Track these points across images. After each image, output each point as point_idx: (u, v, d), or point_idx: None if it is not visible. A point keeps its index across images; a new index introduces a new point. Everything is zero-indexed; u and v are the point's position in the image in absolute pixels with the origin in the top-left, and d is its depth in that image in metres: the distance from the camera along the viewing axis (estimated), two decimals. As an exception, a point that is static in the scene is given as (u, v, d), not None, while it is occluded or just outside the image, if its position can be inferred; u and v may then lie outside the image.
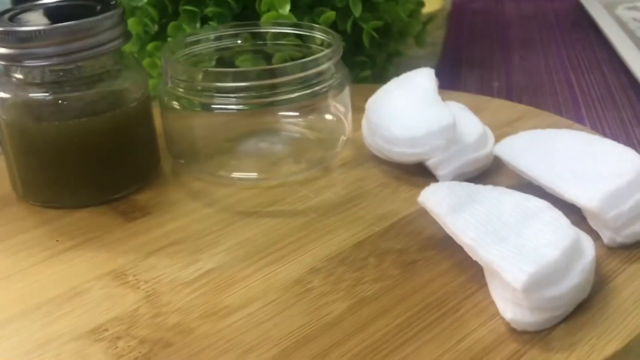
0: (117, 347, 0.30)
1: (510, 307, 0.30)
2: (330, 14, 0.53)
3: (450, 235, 0.34)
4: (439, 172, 0.42)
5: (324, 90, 0.43)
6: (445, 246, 0.36)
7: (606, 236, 0.36)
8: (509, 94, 0.62)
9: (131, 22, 0.56)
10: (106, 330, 0.31)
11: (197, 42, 0.48)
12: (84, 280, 0.35)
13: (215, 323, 0.32)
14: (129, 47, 0.57)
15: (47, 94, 0.39)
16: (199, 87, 0.42)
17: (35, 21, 0.39)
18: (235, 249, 0.37)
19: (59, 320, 0.32)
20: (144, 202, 0.42)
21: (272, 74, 0.41)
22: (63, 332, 0.32)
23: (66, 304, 0.33)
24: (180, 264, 0.36)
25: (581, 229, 0.34)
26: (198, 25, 0.54)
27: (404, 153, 0.42)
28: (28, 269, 0.36)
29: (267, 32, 0.49)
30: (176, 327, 0.31)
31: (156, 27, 0.57)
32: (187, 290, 0.34)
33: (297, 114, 0.44)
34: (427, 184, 0.37)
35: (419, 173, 0.43)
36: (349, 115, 0.46)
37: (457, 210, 0.34)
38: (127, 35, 0.41)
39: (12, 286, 0.35)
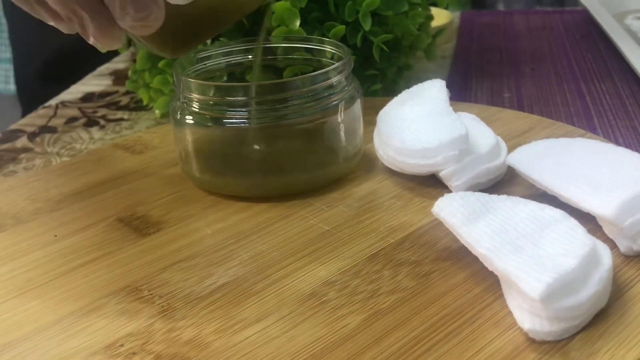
0: (132, 363, 0.30)
1: (528, 317, 0.30)
2: (340, 28, 0.53)
3: (465, 245, 0.34)
4: (452, 183, 0.41)
5: (334, 103, 0.43)
6: (460, 257, 0.36)
7: (622, 245, 0.35)
8: (520, 105, 0.61)
9: (142, 39, 0.56)
10: (122, 345, 0.31)
11: (208, 57, 0.48)
12: (99, 296, 0.35)
13: (230, 337, 0.31)
14: (141, 65, 0.58)
15: None
16: (211, 102, 0.42)
17: None
18: (249, 262, 0.37)
19: (75, 337, 0.32)
20: (157, 218, 0.42)
21: (283, 87, 0.42)
22: (79, 348, 0.31)
23: (82, 320, 0.33)
24: (194, 278, 0.36)
25: (597, 237, 0.33)
26: (209, 41, 0.55)
27: (417, 164, 0.42)
28: (42, 286, 0.36)
29: (277, 47, 0.49)
30: (191, 342, 0.31)
31: (167, 44, 0.57)
32: (201, 305, 0.34)
33: (309, 127, 0.44)
34: (440, 195, 0.37)
35: (432, 184, 0.43)
36: (361, 128, 0.46)
37: (471, 220, 0.34)
38: None
39: (27, 303, 0.35)
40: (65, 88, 0.74)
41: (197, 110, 0.42)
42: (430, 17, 0.63)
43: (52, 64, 0.97)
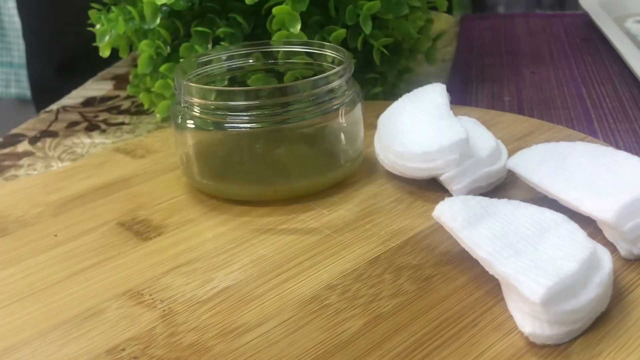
0: (134, 367, 0.30)
1: (529, 321, 0.30)
2: (341, 32, 0.53)
3: (466, 249, 0.34)
4: (453, 187, 0.41)
5: (335, 107, 0.43)
6: (461, 261, 0.36)
7: (623, 248, 0.35)
8: (521, 109, 0.61)
9: (143, 44, 0.56)
10: (123, 350, 0.31)
11: (209, 62, 0.48)
12: (100, 300, 0.35)
13: (231, 342, 0.32)
14: (142, 69, 0.58)
15: None
16: (212, 107, 0.42)
17: None
18: (250, 266, 0.37)
19: (76, 341, 0.32)
20: (159, 222, 0.42)
21: (284, 92, 0.42)
22: (80, 353, 0.32)
23: (82, 325, 0.33)
24: (195, 282, 0.36)
25: (597, 241, 0.33)
26: (210, 45, 0.55)
27: (417, 168, 0.42)
28: (43, 290, 0.36)
29: (278, 51, 0.49)
30: (192, 346, 0.31)
31: (168, 49, 0.57)
32: (202, 309, 0.34)
33: (310, 131, 0.44)
34: (441, 198, 0.37)
35: (433, 188, 0.43)
36: (362, 132, 0.46)
37: (472, 224, 0.34)
38: None
39: (27, 308, 0.35)
40: (81, 83, 0.75)
41: (198, 114, 0.42)
42: (430, 21, 0.63)
43: (69, 60, 0.97)
